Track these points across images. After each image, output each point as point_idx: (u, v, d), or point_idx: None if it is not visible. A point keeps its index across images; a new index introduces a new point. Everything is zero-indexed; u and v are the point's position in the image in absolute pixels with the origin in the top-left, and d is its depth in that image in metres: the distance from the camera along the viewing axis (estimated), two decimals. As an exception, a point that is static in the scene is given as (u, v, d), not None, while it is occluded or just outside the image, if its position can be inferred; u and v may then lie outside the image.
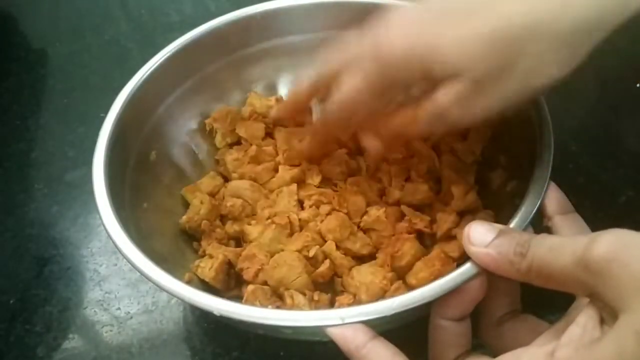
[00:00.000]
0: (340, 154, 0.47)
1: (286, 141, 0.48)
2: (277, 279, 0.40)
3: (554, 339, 0.28)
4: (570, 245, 0.28)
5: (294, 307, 0.40)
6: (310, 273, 0.41)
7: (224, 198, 0.47)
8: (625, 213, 0.49)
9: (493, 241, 0.31)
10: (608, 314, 0.27)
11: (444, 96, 0.35)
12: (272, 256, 0.42)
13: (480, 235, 0.32)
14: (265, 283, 0.41)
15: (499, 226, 0.32)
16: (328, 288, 0.42)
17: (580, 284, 0.27)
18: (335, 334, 0.31)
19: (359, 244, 0.42)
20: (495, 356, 0.30)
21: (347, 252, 0.43)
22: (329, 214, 0.44)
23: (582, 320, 0.27)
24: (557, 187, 0.36)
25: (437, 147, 0.46)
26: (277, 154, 0.48)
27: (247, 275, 0.42)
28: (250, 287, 0.40)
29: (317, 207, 0.44)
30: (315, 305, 0.40)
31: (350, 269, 0.42)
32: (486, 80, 0.33)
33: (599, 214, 0.48)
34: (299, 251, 0.42)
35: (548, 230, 0.36)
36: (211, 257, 0.43)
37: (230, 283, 0.43)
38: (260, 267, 0.41)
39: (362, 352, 0.31)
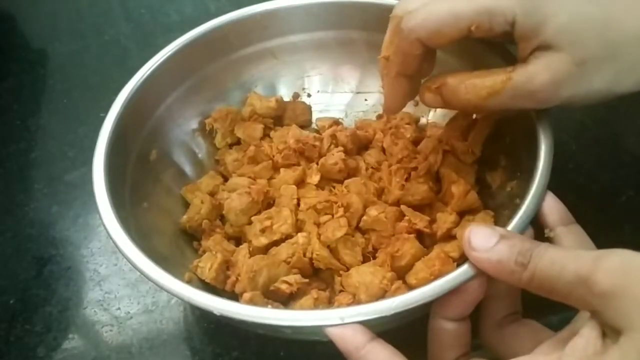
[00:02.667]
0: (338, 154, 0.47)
1: (282, 140, 0.48)
2: (263, 283, 0.40)
3: (558, 349, 0.28)
4: (573, 261, 0.28)
5: (293, 287, 0.40)
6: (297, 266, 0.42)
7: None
8: (625, 213, 0.49)
9: (494, 247, 0.31)
10: (609, 330, 0.27)
11: (541, 72, 0.34)
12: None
13: (481, 240, 0.32)
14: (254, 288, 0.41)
15: (501, 230, 0.32)
16: (327, 287, 0.43)
17: (582, 301, 0.28)
18: (334, 334, 0.31)
19: (353, 256, 0.42)
20: (495, 358, 0.30)
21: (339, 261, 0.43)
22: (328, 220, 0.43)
23: (586, 332, 0.27)
24: (557, 199, 0.36)
25: (437, 147, 0.46)
26: (273, 155, 0.48)
27: (229, 286, 0.42)
28: (246, 296, 0.40)
29: (317, 213, 0.44)
30: (314, 302, 0.40)
31: (348, 269, 0.42)
32: (587, 68, 0.33)
33: (599, 214, 0.48)
34: (285, 261, 0.42)
35: (549, 241, 0.35)
36: (211, 253, 0.43)
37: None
38: (237, 276, 0.41)
39: (361, 353, 0.31)
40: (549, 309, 0.34)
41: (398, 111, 0.43)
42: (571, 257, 0.28)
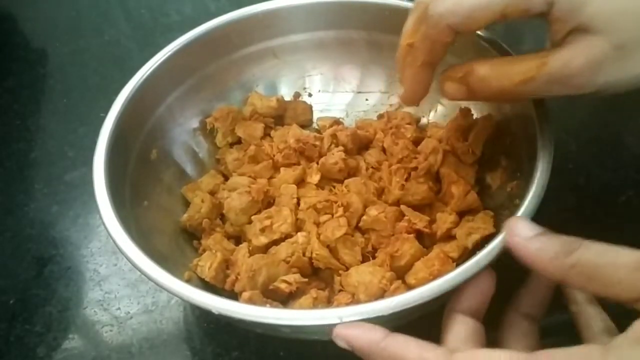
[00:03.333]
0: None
1: (283, 140, 0.48)
2: (262, 282, 0.40)
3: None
4: (629, 252, 0.28)
5: (292, 287, 0.40)
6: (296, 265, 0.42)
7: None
8: (625, 213, 0.49)
9: (538, 236, 0.31)
10: None
11: (577, 57, 0.33)
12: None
13: (525, 228, 0.31)
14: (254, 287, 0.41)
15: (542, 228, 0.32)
16: (326, 286, 0.43)
17: (634, 286, 0.28)
18: (348, 334, 0.31)
19: (352, 255, 0.42)
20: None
21: (339, 261, 0.43)
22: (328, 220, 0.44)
23: (637, 322, 0.27)
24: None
25: (437, 147, 0.46)
26: (274, 154, 0.48)
27: (229, 285, 0.42)
28: (246, 295, 0.40)
29: (317, 212, 0.44)
30: (313, 301, 0.40)
31: (347, 268, 0.42)
32: (625, 52, 0.32)
33: (599, 214, 0.48)
34: (285, 261, 0.42)
35: (574, 316, 0.35)
36: (211, 251, 0.43)
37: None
38: (237, 275, 0.41)
39: (381, 345, 0.30)
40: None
41: (418, 102, 0.41)
42: (625, 249, 0.28)
